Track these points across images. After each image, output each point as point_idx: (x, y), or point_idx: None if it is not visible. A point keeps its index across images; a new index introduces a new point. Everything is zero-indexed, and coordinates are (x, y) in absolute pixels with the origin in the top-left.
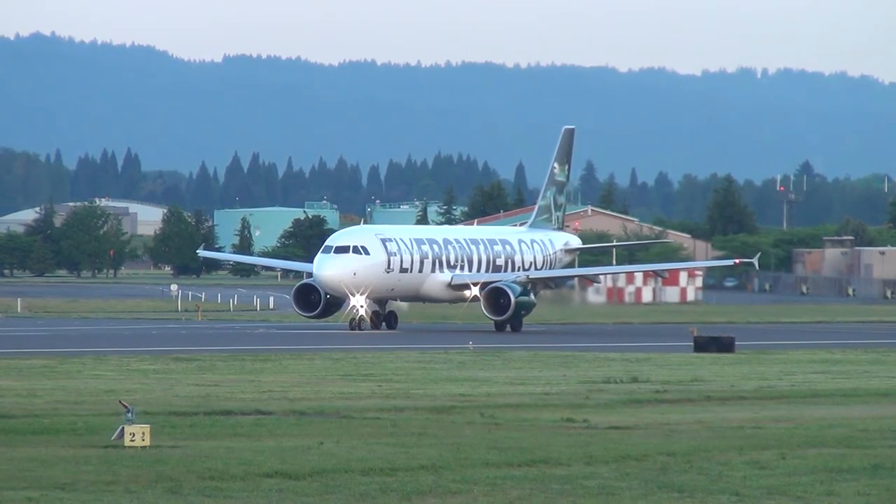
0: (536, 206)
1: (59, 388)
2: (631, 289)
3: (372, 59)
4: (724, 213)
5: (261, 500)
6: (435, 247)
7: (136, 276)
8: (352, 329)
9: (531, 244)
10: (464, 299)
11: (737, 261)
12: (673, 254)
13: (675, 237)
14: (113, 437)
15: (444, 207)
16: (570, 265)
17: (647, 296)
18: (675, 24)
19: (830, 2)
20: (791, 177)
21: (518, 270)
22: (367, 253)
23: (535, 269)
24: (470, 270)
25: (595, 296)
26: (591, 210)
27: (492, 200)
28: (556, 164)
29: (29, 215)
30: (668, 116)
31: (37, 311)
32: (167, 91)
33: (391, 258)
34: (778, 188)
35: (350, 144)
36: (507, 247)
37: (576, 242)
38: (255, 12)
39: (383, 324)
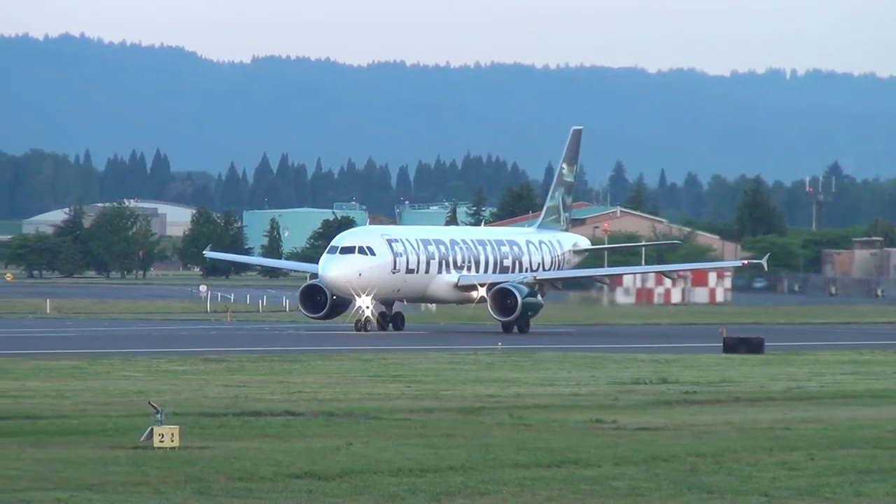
0: (545, 207)
1: (88, 389)
2: (660, 290)
3: (401, 60)
4: (753, 214)
5: (290, 501)
6: (441, 247)
7: (166, 277)
8: (357, 330)
9: (539, 245)
10: (471, 300)
11: (744, 262)
12: (702, 255)
13: (704, 238)
14: (142, 438)
15: (474, 208)
16: (580, 267)
17: (676, 297)
18: (704, 24)
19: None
20: (820, 178)
21: (526, 271)
22: (372, 253)
23: (544, 270)
24: (477, 271)
25: (624, 297)
26: (621, 211)
27: (521, 201)
28: (564, 165)
29: (58, 216)
30: (697, 117)
31: (66, 311)
32: (196, 92)
33: (397, 259)
34: (807, 189)
35: (379, 145)
36: (515, 248)
37: (584, 243)
38: (284, 13)
39: (390, 325)
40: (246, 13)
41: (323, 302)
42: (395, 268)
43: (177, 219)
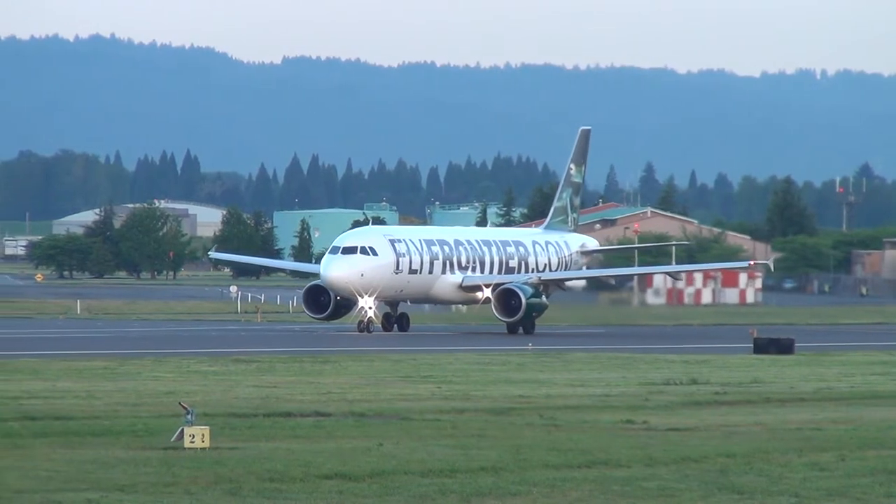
0: (552, 208)
1: (118, 390)
2: (690, 290)
3: (431, 61)
4: (783, 215)
5: (320, 502)
6: (445, 248)
7: (196, 278)
8: (360, 331)
9: (545, 246)
10: (475, 301)
11: (751, 262)
12: (733, 255)
13: (735, 239)
14: (172, 439)
15: (504, 209)
16: (588, 268)
17: (706, 297)
18: (734, 25)
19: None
20: (850, 178)
21: (532, 272)
22: (375, 254)
23: (550, 271)
24: (482, 272)
25: (655, 298)
26: (651, 212)
27: (551, 201)
28: (572, 166)
29: (88, 217)
30: (727, 118)
31: (96, 312)
32: (226, 93)
33: (400, 259)
34: (837, 190)
35: (409, 146)
36: (521, 248)
37: (592, 244)
38: (314, 14)
39: (395, 326)
40: (276, 14)
41: (327, 302)
42: (397, 268)
43: (207, 219)
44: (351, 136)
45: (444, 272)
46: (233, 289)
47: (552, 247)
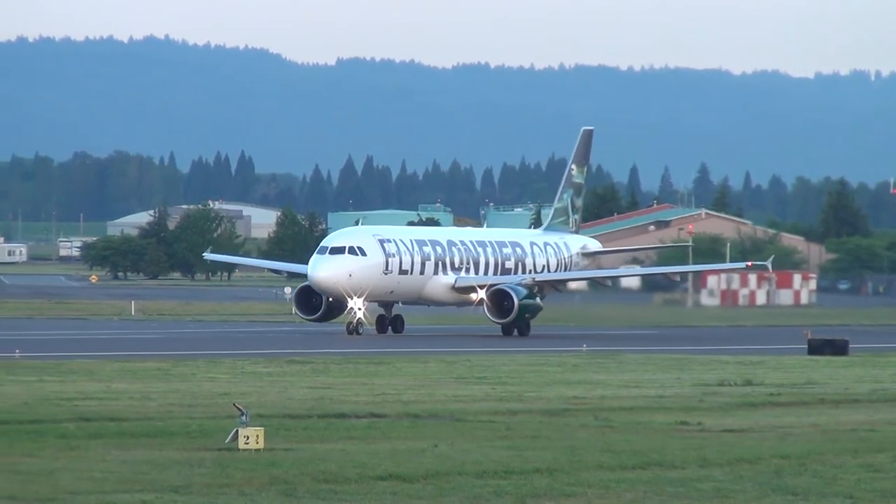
0: (552, 208)
1: (172, 391)
2: (745, 292)
3: (485, 62)
4: (837, 216)
5: (374, 503)
6: (438, 248)
7: (250, 279)
8: (349, 333)
9: (544, 247)
10: (469, 302)
11: (748, 264)
12: (787, 257)
13: (789, 240)
14: (227, 440)
15: None
16: (589, 269)
17: (761, 299)
18: (788, 26)
19: None
20: None
21: (530, 274)
22: (363, 254)
23: (549, 272)
24: (476, 273)
25: (709, 299)
26: (705, 213)
27: (605, 203)
28: (573, 166)
29: (143, 218)
30: (781, 119)
31: (151, 313)
32: (280, 94)
33: (389, 259)
34: (891, 191)
35: (464, 147)
36: (518, 249)
37: (594, 246)
38: (369, 15)
39: (389, 328)
40: (330, 15)
41: (318, 304)
42: (387, 268)
43: (261, 221)
44: (405, 137)
45: (436, 273)
46: (287, 290)
47: (551, 248)
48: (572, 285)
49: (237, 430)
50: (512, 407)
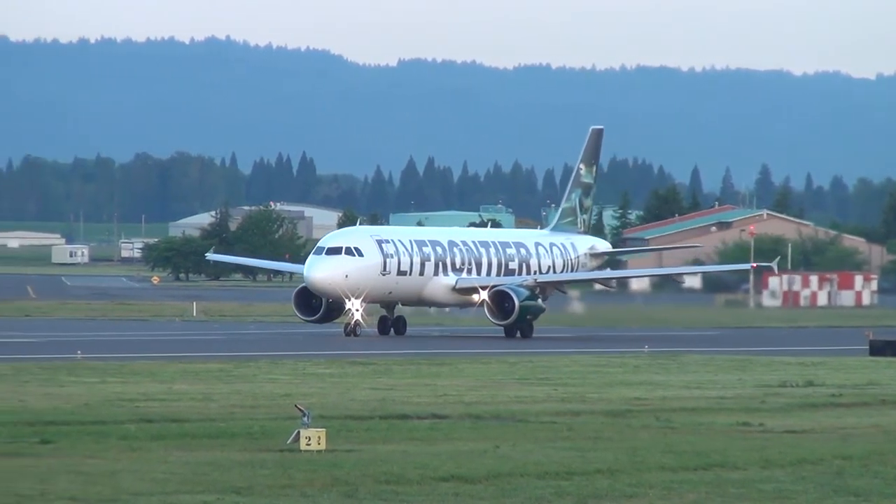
0: (560, 209)
1: (234, 392)
2: (806, 292)
3: (547, 64)
4: None
5: None
6: (438, 249)
7: None
8: (347, 335)
9: (550, 248)
10: (471, 304)
11: (753, 265)
12: (848, 258)
13: (850, 241)
14: (289, 441)
15: (620, 211)
16: (599, 270)
17: (822, 300)
18: (849, 27)
19: None
20: None
21: (534, 275)
22: (360, 254)
23: (554, 273)
24: (479, 274)
25: (770, 300)
26: (767, 214)
27: (667, 205)
28: (582, 166)
29: (204, 219)
30: (843, 120)
31: (213, 314)
32: (342, 95)
33: (387, 260)
34: None
35: (525, 148)
36: (522, 250)
37: (603, 246)
38: (430, 16)
39: (391, 330)
40: (392, 16)
41: (318, 305)
42: (384, 269)
43: (323, 222)
44: (466, 139)
45: (436, 274)
46: None
47: (557, 248)
48: (633, 285)
49: (299, 431)
50: (573, 408)
